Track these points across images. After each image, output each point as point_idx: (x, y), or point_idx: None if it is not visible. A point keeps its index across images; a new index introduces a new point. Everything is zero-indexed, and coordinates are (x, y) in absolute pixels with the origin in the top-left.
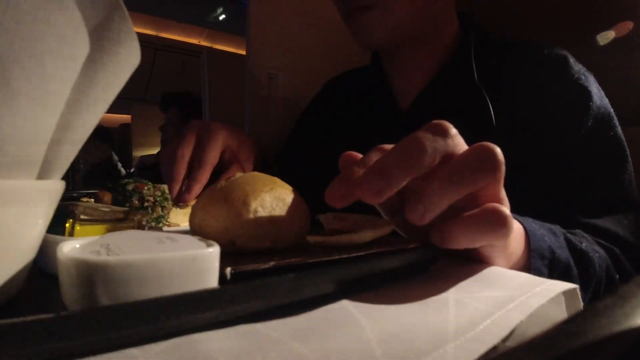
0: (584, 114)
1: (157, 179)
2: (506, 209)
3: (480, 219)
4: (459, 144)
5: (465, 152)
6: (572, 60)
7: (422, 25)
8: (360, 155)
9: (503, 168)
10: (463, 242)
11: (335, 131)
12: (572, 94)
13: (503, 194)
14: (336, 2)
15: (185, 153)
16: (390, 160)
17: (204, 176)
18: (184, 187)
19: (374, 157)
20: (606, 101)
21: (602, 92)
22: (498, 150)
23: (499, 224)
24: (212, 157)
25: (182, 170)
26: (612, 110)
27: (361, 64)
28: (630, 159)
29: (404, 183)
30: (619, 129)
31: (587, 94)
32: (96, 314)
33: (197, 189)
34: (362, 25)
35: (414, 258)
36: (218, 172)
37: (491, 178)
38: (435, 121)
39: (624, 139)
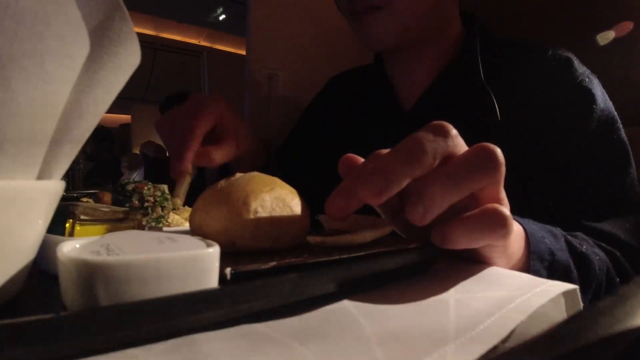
0: (587, 116)
1: (163, 173)
2: (506, 209)
3: (480, 219)
4: (460, 144)
5: (466, 153)
6: (576, 62)
7: (428, 26)
8: (359, 158)
9: (503, 169)
10: (463, 242)
11: (338, 130)
12: (575, 97)
13: (503, 194)
14: (340, 4)
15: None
16: (390, 161)
17: (194, 143)
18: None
19: (372, 164)
20: (610, 104)
21: (606, 95)
22: (498, 150)
23: (498, 224)
24: (202, 126)
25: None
26: (616, 113)
27: (362, 63)
28: (633, 163)
29: (405, 184)
30: (623, 132)
31: (591, 96)
32: (96, 314)
33: (189, 155)
34: (369, 26)
35: (414, 258)
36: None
37: (491, 179)
38: (436, 122)
39: (627, 142)
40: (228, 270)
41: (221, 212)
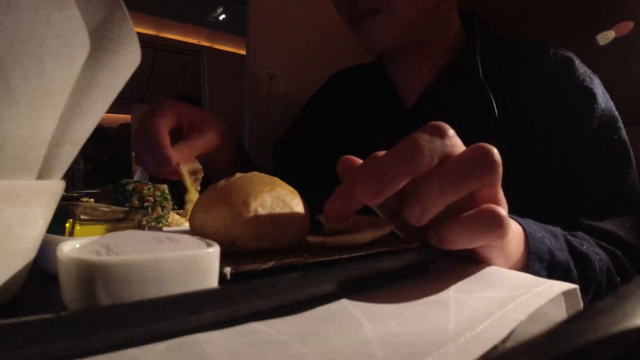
0: (588, 116)
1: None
2: (503, 209)
3: (477, 219)
4: (457, 144)
5: (463, 153)
6: (577, 62)
7: (427, 28)
8: (357, 160)
9: (500, 169)
10: (460, 242)
11: (339, 127)
12: (576, 96)
13: (501, 194)
14: (340, 9)
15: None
16: (388, 162)
17: (162, 139)
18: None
19: (369, 165)
20: (611, 104)
21: (607, 95)
22: (495, 151)
23: (495, 224)
24: (162, 124)
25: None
26: (617, 113)
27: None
28: (634, 163)
29: (402, 184)
30: (624, 132)
31: (592, 96)
32: (96, 314)
33: (168, 152)
34: (369, 30)
35: (414, 258)
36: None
37: (488, 179)
38: (433, 122)
39: (628, 142)
40: (228, 270)
41: (221, 212)
